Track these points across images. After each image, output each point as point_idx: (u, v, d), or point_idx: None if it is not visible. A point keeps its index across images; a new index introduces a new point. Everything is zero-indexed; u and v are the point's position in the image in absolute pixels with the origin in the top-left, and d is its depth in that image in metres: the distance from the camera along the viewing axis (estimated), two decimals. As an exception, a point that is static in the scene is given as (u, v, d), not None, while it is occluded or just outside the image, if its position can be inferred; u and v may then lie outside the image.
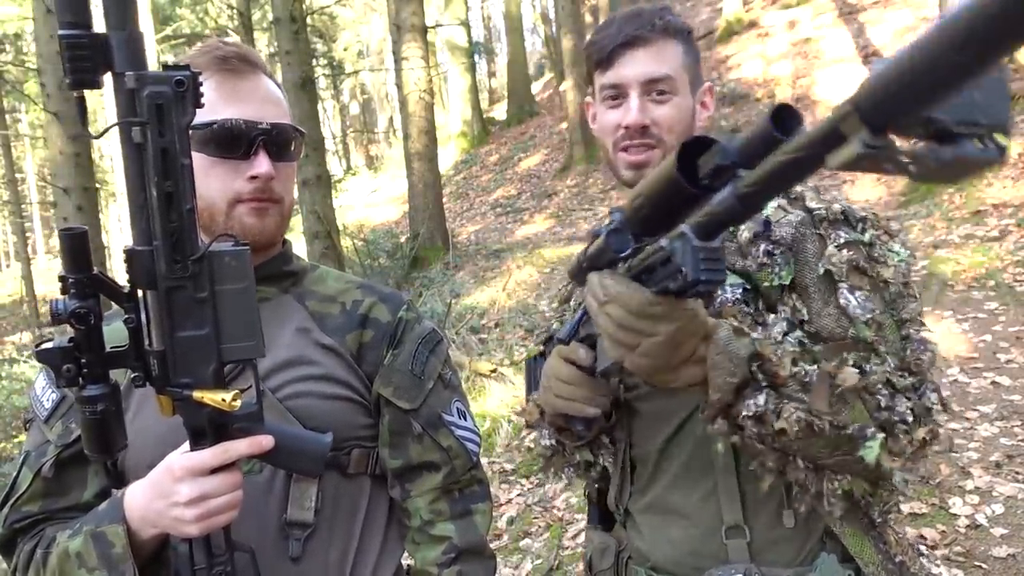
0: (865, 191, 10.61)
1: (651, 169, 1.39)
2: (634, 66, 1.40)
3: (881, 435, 1.15)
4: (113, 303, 1.04)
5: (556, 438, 1.51)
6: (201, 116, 1.26)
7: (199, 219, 1.29)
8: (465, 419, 1.51)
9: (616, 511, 1.58)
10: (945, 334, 6.09)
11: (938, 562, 3.55)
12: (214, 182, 1.30)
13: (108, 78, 0.92)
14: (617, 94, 1.42)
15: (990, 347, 5.74)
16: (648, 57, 1.40)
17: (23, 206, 25.92)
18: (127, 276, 0.98)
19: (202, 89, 1.26)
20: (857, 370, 1.17)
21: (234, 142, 1.29)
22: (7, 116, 23.98)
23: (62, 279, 0.97)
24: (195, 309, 0.99)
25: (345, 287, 1.49)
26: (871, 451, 1.15)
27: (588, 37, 1.52)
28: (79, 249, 0.97)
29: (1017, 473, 4.11)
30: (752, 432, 1.13)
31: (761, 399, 1.11)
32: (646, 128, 1.40)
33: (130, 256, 0.96)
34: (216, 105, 1.28)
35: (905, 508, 4.00)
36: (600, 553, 1.59)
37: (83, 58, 0.88)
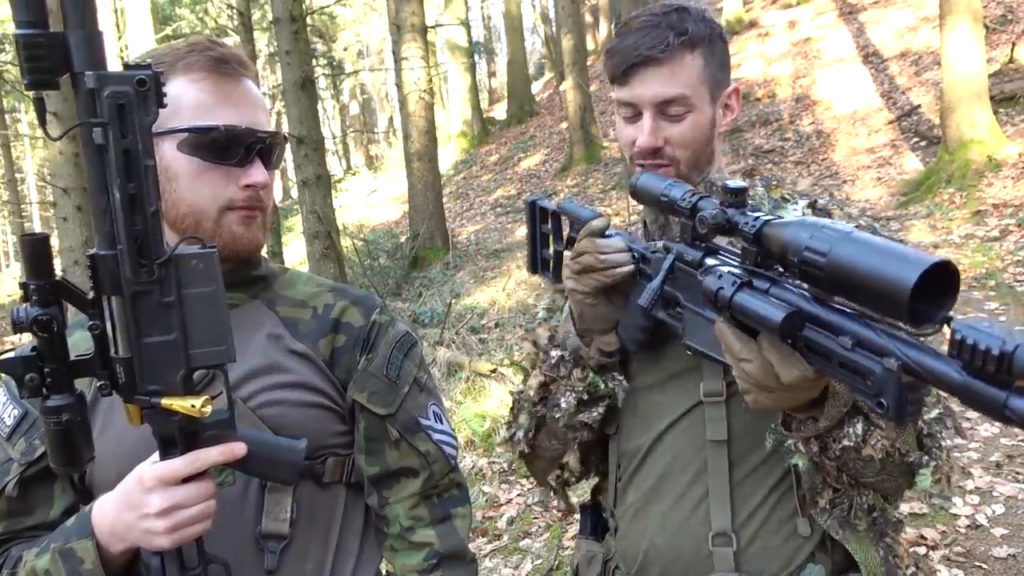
0: (866, 191, 10.59)
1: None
2: (647, 86, 1.38)
3: (933, 464, 1.23)
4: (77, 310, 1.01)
5: (575, 351, 1.45)
6: (196, 119, 1.23)
7: (184, 225, 1.27)
8: (441, 422, 1.48)
9: (612, 514, 1.55)
10: (946, 334, 6.06)
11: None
12: (205, 188, 1.26)
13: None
14: (633, 112, 1.42)
15: (990, 347, 5.72)
16: (662, 77, 1.37)
17: (23, 206, 25.92)
18: (91, 281, 0.95)
19: (193, 91, 1.25)
20: None
21: (232, 148, 1.26)
22: (7, 116, 23.99)
23: (23, 286, 0.95)
24: (162, 314, 0.96)
25: (316, 291, 1.46)
26: (926, 479, 1.23)
27: (609, 36, 1.49)
28: (40, 255, 0.95)
29: (1017, 473, 4.11)
30: (834, 454, 1.16)
31: (860, 427, 1.13)
32: (659, 149, 1.39)
33: (94, 261, 0.94)
34: (212, 109, 1.25)
35: (905, 508, 4.00)
36: (587, 562, 1.56)
37: (40, 58, 0.86)
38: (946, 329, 0.80)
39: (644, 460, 1.45)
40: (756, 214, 1.00)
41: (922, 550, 3.65)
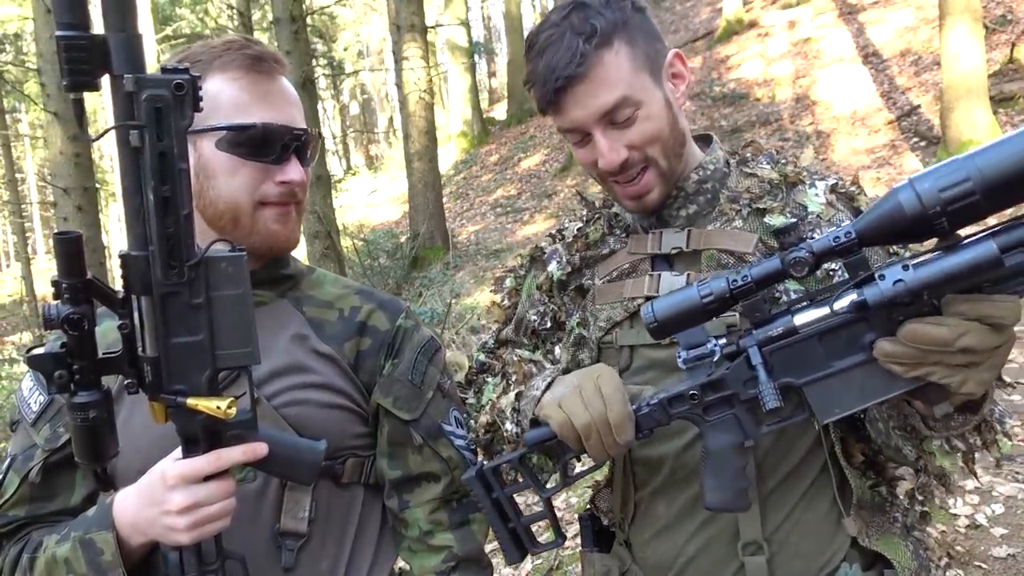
0: (866, 191, 10.59)
1: (653, 193, 1.33)
2: (582, 106, 1.25)
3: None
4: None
5: (518, 432, 1.32)
6: (234, 117, 1.26)
7: (222, 222, 1.29)
8: (462, 427, 1.49)
9: (620, 526, 1.49)
10: (946, 334, 6.08)
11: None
12: (241, 182, 1.28)
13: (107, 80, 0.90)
14: (580, 136, 1.30)
15: (991, 347, 5.73)
16: (593, 91, 1.24)
17: (23, 206, 25.91)
18: (122, 281, 0.96)
19: (230, 89, 1.27)
20: None
21: (268, 146, 1.28)
22: (7, 116, 23.97)
23: (55, 284, 0.96)
24: (190, 315, 0.98)
25: (343, 292, 1.47)
26: (1006, 444, 1.19)
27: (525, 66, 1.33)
28: (73, 254, 0.96)
29: (1017, 473, 4.11)
30: (976, 445, 1.12)
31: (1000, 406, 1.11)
32: (625, 162, 1.28)
33: (125, 261, 0.95)
34: (250, 107, 1.27)
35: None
36: None
37: (81, 60, 0.87)
38: None
39: (674, 472, 1.36)
40: (831, 231, 0.98)
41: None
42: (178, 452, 1.10)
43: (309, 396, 1.33)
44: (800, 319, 1.05)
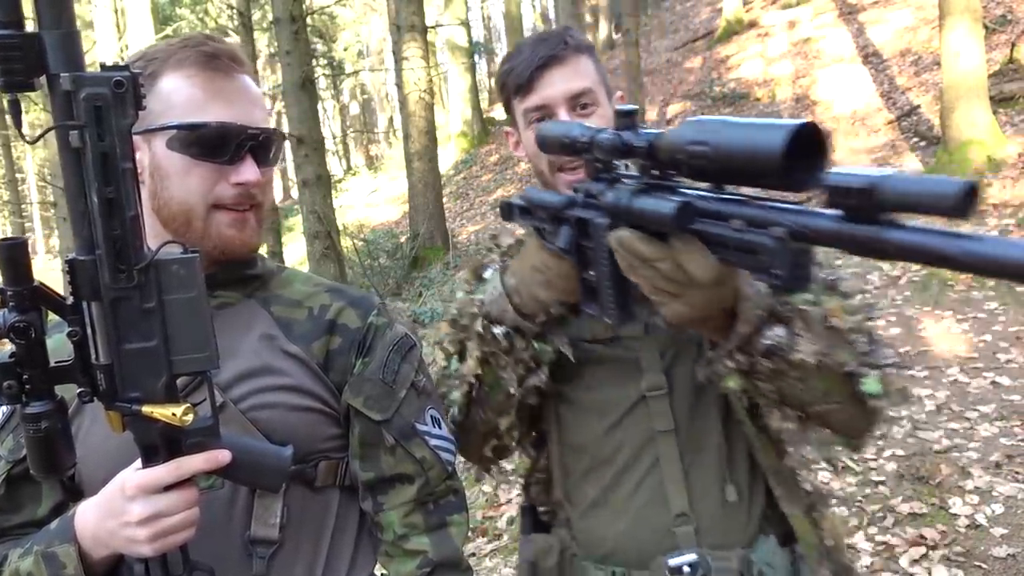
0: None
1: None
2: (556, 84, 1.46)
3: (875, 372, 1.23)
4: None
5: (515, 325, 1.39)
6: (187, 116, 1.22)
7: (176, 224, 1.25)
8: (440, 427, 1.44)
9: (559, 509, 1.60)
10: (945, 334, 6.10)
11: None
12: (194, 183, 1.24)
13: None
14: (543, 115, 1.48)
15: (990, 347, 5.76)
16: (567, 73, 1.47)
17: (23, 206, 25.94)
18: (69, 287, 0.94)
19: (185, 87, 1.24)
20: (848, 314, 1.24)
21: (222, 145, 1.24)
22: (7, 116, 24.00)
23: (0, 292, 0.93)
24: (142, 320, 0.95)
25: (313, 291, 1.43)
26: (872, 383, 1.22)
27: (500, 66, 1.58)
28: (17, 260, 0.93)
29: (1017, 473, 4.11)
30: (765, 368, 1.18)
31: (781, 331, 1.16)
32: None
33: (72, 266, 0.92)
34: (204, 105, 1.23)
35: (905, 508, 4.00)
36: (544, 554, 1.58)
37: (15, 59, 0.84)
38: None
39: (597, 454, 1.50)
40: (649, 130, 1.02)
41: (922, 550, 3.65)
42: (139, 462, 1.07)
43: (278, 399, 1.29)
44: (609, 194, 1.10)
